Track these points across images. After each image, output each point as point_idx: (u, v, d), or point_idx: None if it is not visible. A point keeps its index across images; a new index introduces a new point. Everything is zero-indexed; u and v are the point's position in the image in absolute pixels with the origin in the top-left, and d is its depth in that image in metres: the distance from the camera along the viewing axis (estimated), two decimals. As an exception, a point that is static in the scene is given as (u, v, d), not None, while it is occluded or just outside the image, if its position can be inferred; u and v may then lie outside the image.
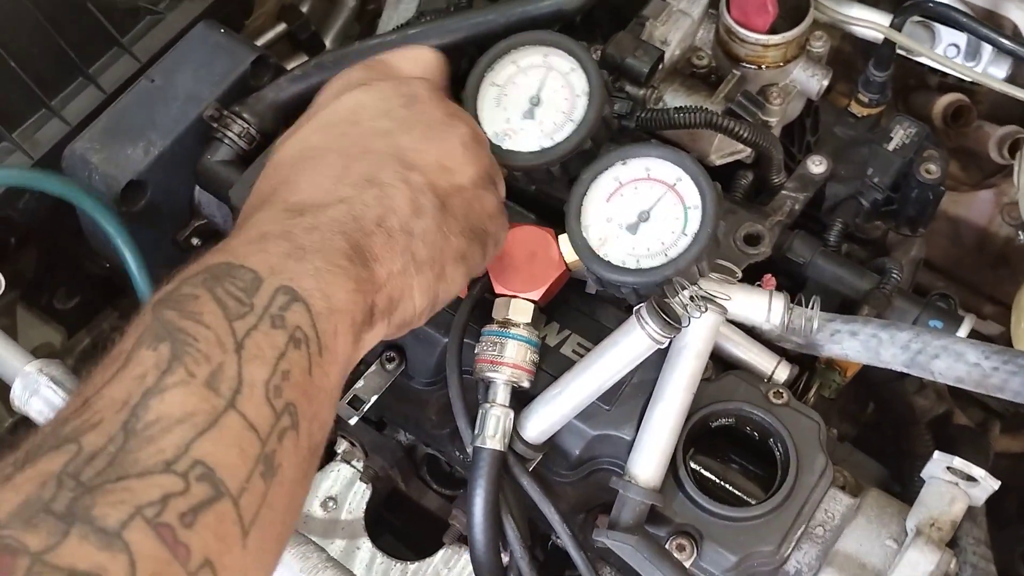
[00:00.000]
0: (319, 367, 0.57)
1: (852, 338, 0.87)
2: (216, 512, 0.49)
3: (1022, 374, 0.79)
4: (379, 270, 0.63)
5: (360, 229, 0.63)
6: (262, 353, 0.54)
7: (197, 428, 0.50)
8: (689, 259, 0.77)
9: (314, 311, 0.58)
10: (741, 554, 0.78)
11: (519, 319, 0.80)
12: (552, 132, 0.84)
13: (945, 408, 1.08)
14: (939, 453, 0.77)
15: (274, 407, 0.53)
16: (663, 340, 0.76)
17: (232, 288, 0.56)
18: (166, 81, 0.99)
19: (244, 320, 0.55)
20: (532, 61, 0.86)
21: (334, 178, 0.65)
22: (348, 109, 0.69)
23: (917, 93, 1.28)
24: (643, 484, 0.78)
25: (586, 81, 0.84)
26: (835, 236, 1.01)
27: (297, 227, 0.61)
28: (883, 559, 0.79)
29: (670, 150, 0.81)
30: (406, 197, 0.66)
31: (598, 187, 0.81)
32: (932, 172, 1.00)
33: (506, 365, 0.79)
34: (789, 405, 0.84)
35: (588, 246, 0.80)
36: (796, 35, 0.99)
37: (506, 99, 0.85)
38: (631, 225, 0.81)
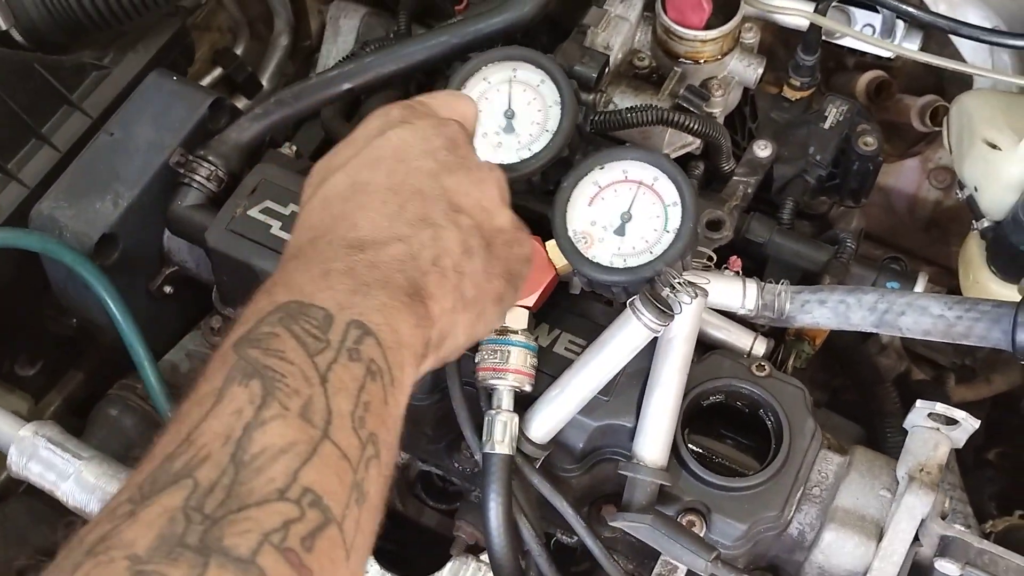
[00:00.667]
0: (392, 397, 0.60)
1: (822, 306, 0.91)
2: (328, 537, 0.51)
3: (985, 319, 0.84)
4: (433, 307, 0.65)
5: (418, 268, 0.65)
6: (345, 386, 0.57)
7: (301, 457, 0.52)
8: (674, 254, 0.81)
9: (384, 344, 0.60)
10: (749, 522, 0.82)
11: (516, 326, 0.83)
12: (529, 143, 0.87)
13: (905, 366, 1.14)
14: (920, 401, 0.82)
15: (360, 437, 0.56)
16: (659, 328, 0.79)
17: (307, 325, 0.58)
18: (125, 133, 0.99)
19: (324, 355, 0.57)
20: (502, 76, 0.89)
21: (390, 216, 0.67)
22: (394, 147, 0.71)
23: (838, 74, 1.35)
24: (650, 465, 0.82)
25: (557, 91, 0.87)
26: (788, 214, 1.06)
27: (359, 264, 0.63)
28: (880, 509, 0.84)
29: (645, 151, 0.85)
30: (457, 239, 0.68)
31: (580, 192, 0.85)
32: (869, 144, 1.07)
33: (509, 371, 0.82)
34: (773, 376, 0.88)
35: (576, 250, 0.83)
36: (731, 28, 1.04)
37: (481, 115, 0.87)
38: (615, 226, 0.84)
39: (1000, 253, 0.98)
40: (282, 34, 1.41)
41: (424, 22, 1.23)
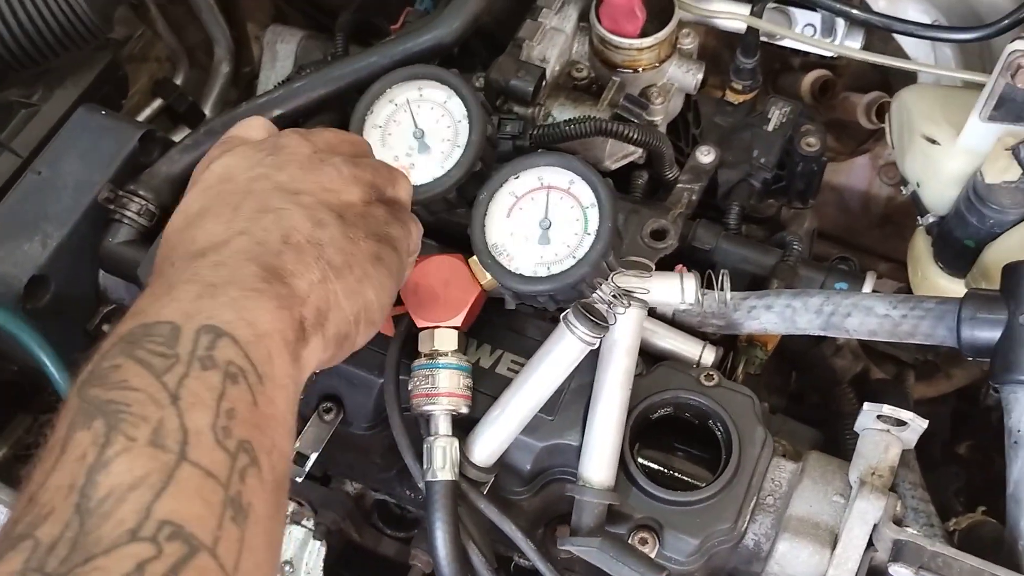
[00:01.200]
0: (263, 396, 0.56)
1: (768, 311, 0.90)
2: (196, 568, 0.47)
3: (929, 317, 0.83)
4: (298, 283, 0.62)
5: (267, 251, 0.62)
6: (200, 399, 0.53)
7: (153, 489, 0.49)
8: (596, 256, 0.80)
9: (241, 341, 0.56)
10: (701, 536, 0.80)
11: (445, 348, 0.81)
12: (442, 161, 0.86)
13: (862, 365, 1.13)
14: (868, 404, 0.81)
15: (227, 449, 0.52)
16: (593, 341, 0.78)
17: (152, 346, 0.54)
18: (53, 171, 0.97)
19: (172, 372, 0.53)
20: (409, 96, 0.87)
21: (227, 220, 0.65)
22: (218, 174, 0.69)
23: (784, 75, 1.34)
24: (597, 486, 0.80)
25: (463, 106, 0.86)
26: (734, 219, 1.05)
27: (202, 267, 0.60)
28: (833, 515, 0.82)
29: (557, 156, 0.84)
30: (303, 215, 0.65)
31: (496, 204, 0.84)
32: (812, 144, 1.06)
33: (441, 395, 0.80)
34: (721, 385, 0.87)
35: (498, 263, 0.82)
36: (666, 35, 1.03)
37: (391, 138, 0.86)
38: (535, 235, 0.83)
39: (946, 248, 0.97)
40: (223, 61, 1.40)
41: (363, 43, 1.22)
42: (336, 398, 0.90)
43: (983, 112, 0.86)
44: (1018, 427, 0.77)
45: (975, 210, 0.90)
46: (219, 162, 0.70)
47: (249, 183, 0.68)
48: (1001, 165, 0.87)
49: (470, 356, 0.86)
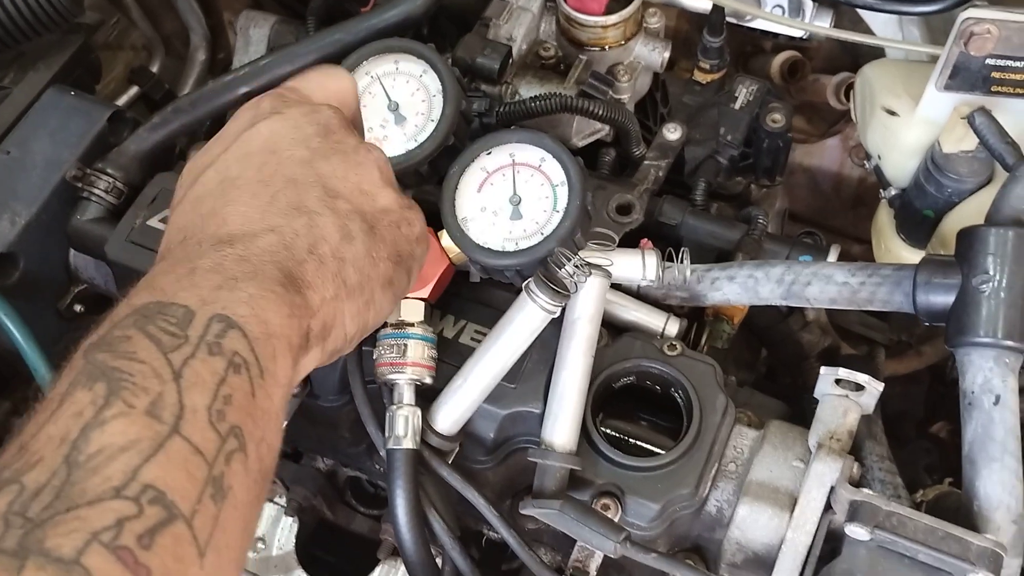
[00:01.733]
0: (262, 389, 0.58)
1: (731, 282, 0.91)
2: (172, 534, 0.49)
3: (886, 283, 0.84)
4: (312, 296, 0.64)
5: (292, 257, 0.63)
6: (201, 380, 0.54)
7: (143, 454, 0.50)
8: (564, 233, 0.80)
9: (251, 336, 0.58)
10: (662, 501, 0.81)
11: (412, 318, 0.82)
12: (415, 134, 0.86)
13: (831, 341, 1.13)
14: (825, 368, 0.81)
15: (218, 431, 0.54)
16: (555, 309, 0.79)
17: (164, 324, 0.56)
18: (22, 150, 0.98)
19: (180, 351, 0.55)
20: (385, 69, 0.88)
21: (261, 208, 0.65)
22: (264, 138, 0.69)
23: (755, 58, 1.35)
24: (559, 449, 0.81)
25: (439, 80, 0.87)
26: (701, 195, 1.06)
27: (228, 259, 0.62)
28: (793, 480, 0.83)
29: (530, 133, 0.84)
30: (335, 224, 0.66)
31: (468, 179, 0.84)
32: (777, 121, 1.07)
33: (407, 365, 0.81)
34: (684, 355, 0.87)
35: (467, 237, 0.83)
36: (631, 12, 1.04)
37: (365, 110, 0.86)
38: (505, 210, 0.83)
39: (907, 220, 0.98)
40: (199, 49, 1.40)
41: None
42: (303, 371, 0.90)
43: (939, 81, 0.87)
44: (971, 388, 0.78)
45: (933, 180, 0.91)
46: (266, 124, 0.70)
47: (292, 166, 0.68)
48: (958, 134, 0.88)
49: (434, 326, 0.86)
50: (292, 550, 1.04)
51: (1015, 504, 0.77)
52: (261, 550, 1.04)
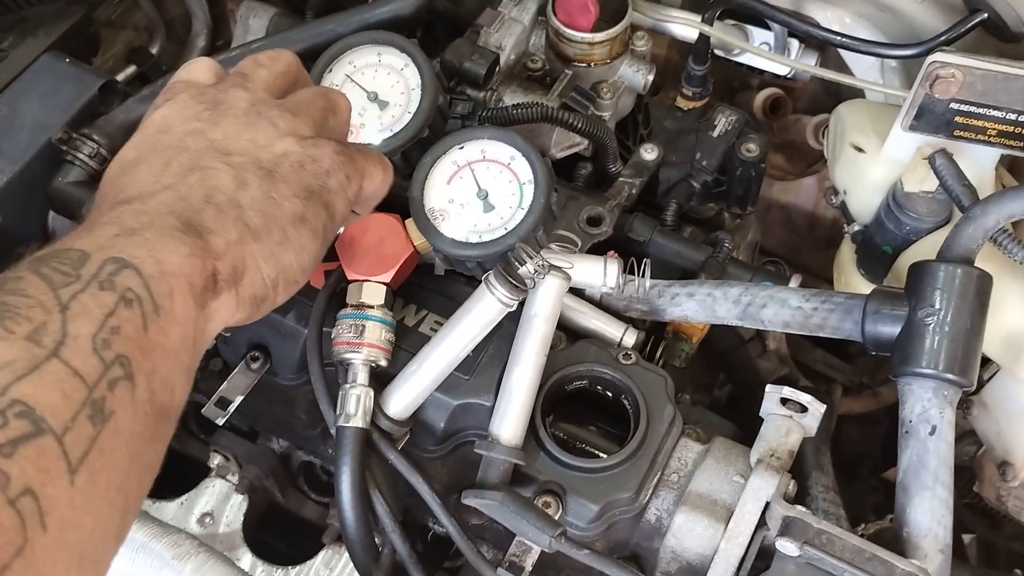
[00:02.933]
0: (155, 324, 0.58)
1: (690, 299, 0.93)
2: (37, 446, 0.50)
3: (838, 310, 0.86)
4: (215, 240, 0.64)
5: (189, 207, 0.65)
6: (88, 311, 0.55)
7: (16, 373, 0.51)
8: (527, 229, 0.83)
9: (145, 274, 0.59)
10: (602, 503, 0.83)
11: (372, 301, 0.84)
12: (391, 124, 0.89)
13: (788, 371, 1.16)
14: (771, 386, 0.83)
15: (102, 358, 0.54)
16: (511, 303, 0.81)
17: (57, 265, 0.57)
18: (12, 110, 1.00)
19: (69, 287, 0.56)
20: (367, 60, 0.91)
21: (156, 173, 0.67)
22: (157, 124, 0.72)
23: (741, 93, 1.38)
24: (505, 443, 0.82)
25: (419, 75, 0.89)
26: (671, 215, 1.08)
27: (125, 213, 0.63)
28: (732, 494, 0.84)
29: (502, 131, 0.87)
30: (229, 175, 0.68)
31: (438, 171, 0.87)
32: (752, 151, 1.09)
33: (363, 345, 0.83)
34: (638, 364, 0.89)
35: (433, 226, 0.85)
36: (618, 31, 1.07)
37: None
38: (472, 204, 0.86)
39: (867, 255, 1.00)
40: (199, 35, 1.42)
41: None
42: (264, 347, 0.92)
43: (904, 121, 0.90)
44: (909, 417, 0.80)
45: (893, 217, 0.93)
46: (159, 112, 0.73)
47: (183, 138, 0.70)
48: (919, 174, 0.91)
49: (396, 314, 0.88)
50: (240, 528, 1.05)
51: (943, 533, 0.79)
52: (209, 524, 1.05)
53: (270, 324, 0.90)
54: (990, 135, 0.88)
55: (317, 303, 0.87)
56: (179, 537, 0.77)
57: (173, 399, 0.60)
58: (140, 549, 0.76)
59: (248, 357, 0.92)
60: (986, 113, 0.87)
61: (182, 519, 1.04)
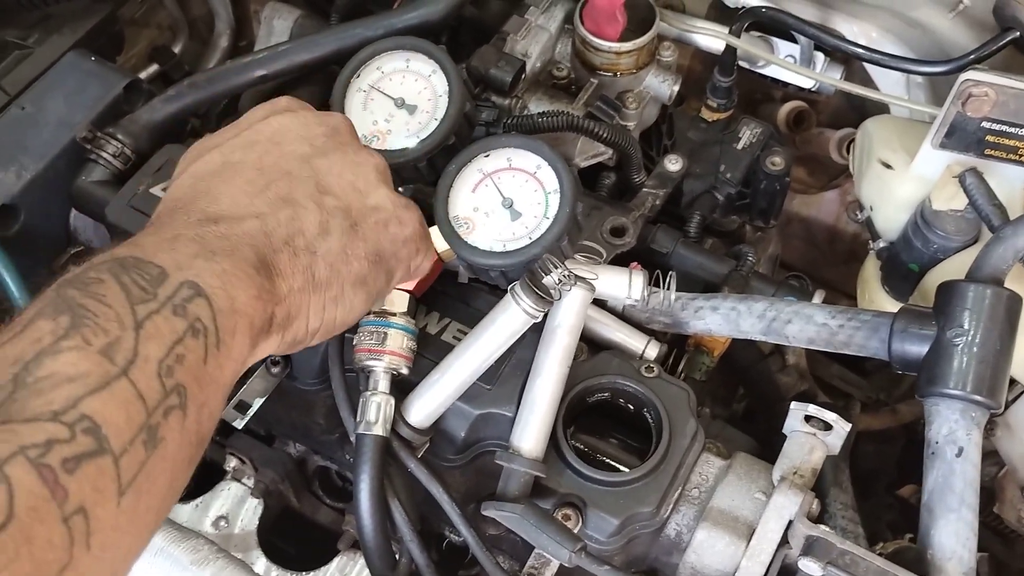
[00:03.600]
0: (214, 359, 0.59)
1: (714, 312, 0.93)
2: (97, 465, 0.50)
3: (864, 328, 0.85)
4: (281, 284, 0.66)
5: (269, 245, 0.66)
6: (160, 334, 0.56)
7: (88, 387, 0.52)
8: (551, 239, 0.82)
9: (216, 307, 0.60)
10: (622, 516, 0.82)
11: (395, 309, 0.83)
12: (418, 131, 0.88)
13: (808, 387, 1.15)
14: (795, 403, 0.83)
15: (164, 384, 0.55)
16: (537, 314, 0.80)
17: (137, 277, 0.58)
18: (37, 107, 1.00)
19: (146, 305, 0.57)
20: (395, 66, 0.90)
21: (252, 194, 0.68)
22: (272, 131, 0.72)
23: (764, 105, 1.38)
24: (526, 455, 0.82)
25: (446, 81, 0.89)
26: (694, 227, 1.08)
27: (210, 234, 0.64)
28: (754, 511, 0.84)
29: (529, 140, 0.86)
30: (316, 219, 0.68)
31: (464, 178, 0.86)
32: (777, 164, 1.09)
33: (385, 353, 0.82)
34: (660, 377, 0.89)
35: (457, 235, 0.84)
36: (645, 41, 1.06)
37: (372, 103, 0.89)
38: (497, 212, 0.85)
39: (893, 272, 0.99)
40: (222, 35, 1.42)
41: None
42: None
43: (935, 139, 0.89)
44: (936, 438, 0.79)
45: (921, 235, 0.92)
46: (278, 119, 0.73)
47: (291, 160, 0.71)
48: (948, 192, 0.90)
49: (419, 321, 0.88)
50: (254, 531, 1.04)
51: (967, 556, 0.78)
52: (223, 527, 1.04)
53: (291, 328, 0.89)
54: (1021, 154, 0.87)
55: (340, 309, 0.86)
56: (198, 542, 0.76)
57: (211, 429, 0.62)
58: (159, 553, 0.76)
59: (268, 361, 0.91)
60: (1018, 132, 0.86)
61: (197, 521, 1.04)
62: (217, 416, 0.62)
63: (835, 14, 1.23)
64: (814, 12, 1.22)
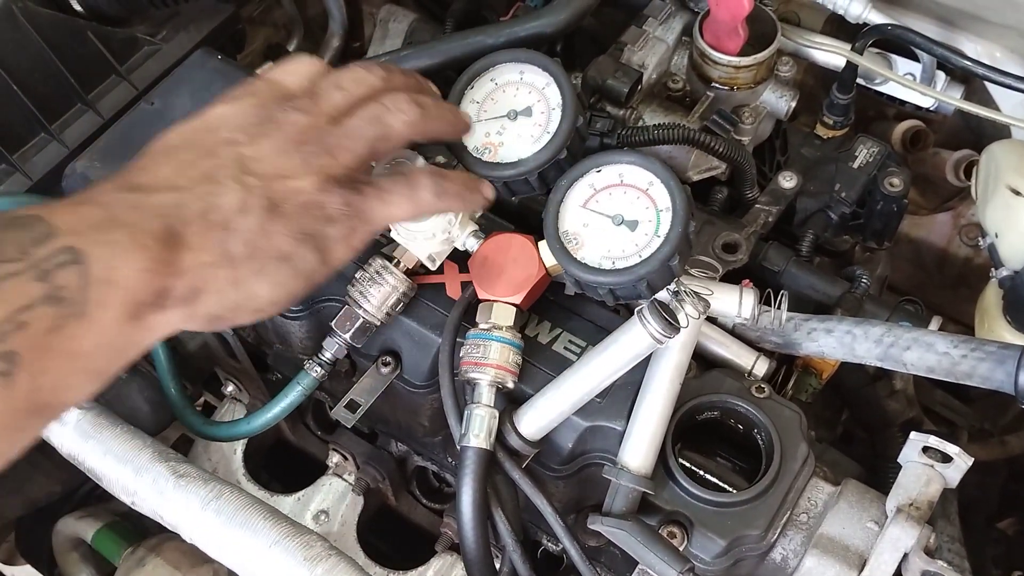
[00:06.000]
0: (70, 327, 0.59)
1: (828, 335, 0.91)
2: None
3: (989, 360, 0.83)
4: (186, 257, 0.65)
5: (180, 218, 0.66)
6: (8, 298, 0.57)
7: None
8: (661, 258, 0.80)
9: (90, 275, 0.60)
10: (729, 538, 0.81)
11: (502, 322, 0.84)
12: (530, 144, 0.87)
13: (915, 413, 1.12)
14: (915, 433, 0.81)
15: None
16: (663, 339, 0.78)
17: (20, 235, 0.60)
18: (165, 103, 1.03)
19: (9, 265, 0.58)
20: (509, 78, 0.90)
21: (176, 169, 0.69)
22: (212, 118, 0.74)
23: (877, 123, 1.35)
24: (635, 471, 0.81)
25: (560, 94, 0.88)
26: (807, 246, 1.06)
27: (121, 202, 0.65)
28: (865, 540, 0.82)
29: (641, 156, 0.85)
30: (236, 196, 0.69)
31: (574, 193, 0.85)
32: (895, 185, 1.06)
33: (490, 366, 0.82)
34: (772, 398, 0.88)
35: (565, 250, 0.83)
36: (766, 56, 1.05)
37: (485, 114, 0.88)
38: (607, 229, 0.84)
39: (1016, 302, 0.96)
40: (335, 36, 1.44)
41: (470, 33, 1.26)
42: (396, 353, 0.92)
43: (1071, 167, 0.86)
44: (1064, 478, 0.77)
45: (1051, 266, 0.89)
46: (218, 109, 0.74)
47: (220, 144, 0.71)
48: (1082, 223, 0.87)
49: (530, 331, 0.88)
50: (354, 527, 1.06)
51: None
52: (324, 522, 1.06)
53: (404, 330, 0.91)
54: None
55: (452, 315, 0.87)
56: (311, 538, 0.78)
57: (61, 398, 0.62)
58: (274, 545, 0.77)
59: (380, 361, 0.92)
60: None
61: (298, 514, 1.06)
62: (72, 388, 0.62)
63: (958, 32, 1.20)
64: (936, 30, 1.19)
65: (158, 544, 0.94)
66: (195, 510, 0.82)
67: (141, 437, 0.88)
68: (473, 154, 0.87)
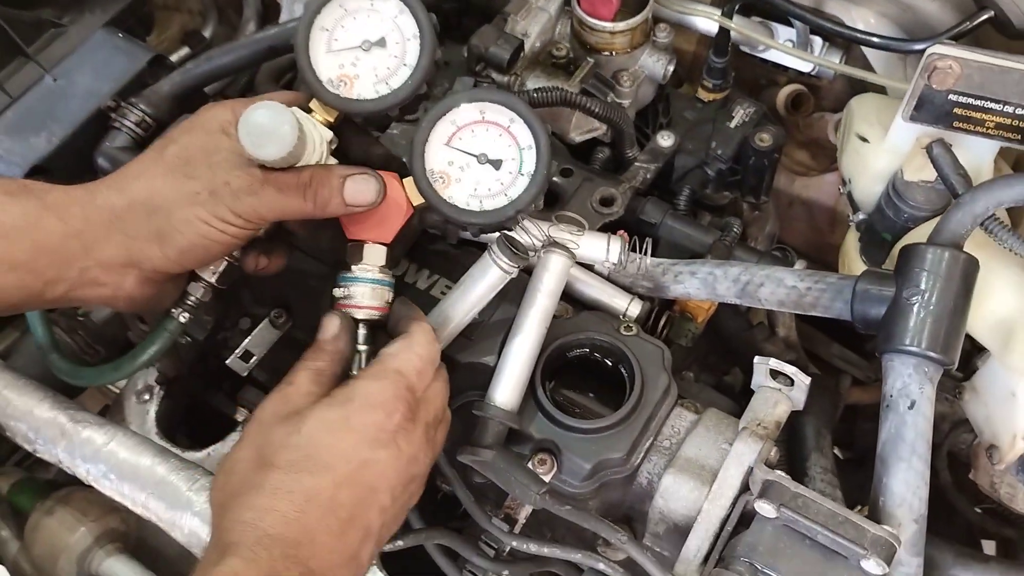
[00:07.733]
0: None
1: (692, 277, 0.97)
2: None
3: (829, 290, 0.90)
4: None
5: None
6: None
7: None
8: (528, 198, 0.84)
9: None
10: (593, 461, 0.87)
11: (373, 262, 0.86)
12: (387, 77, 0.84)
13: (794, 357, 1.19)
14: (759, 357, 0.87)
15: None
16: (512, 270, 0.85)
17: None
18: (67, 80, 1.08)
19: None
20: (359, 4, 0.85)
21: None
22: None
23: (768, 90, 1.41)
24: (500, 406, 0.87)
25: (415, 24, 0.84)
26: (684, 200, 1.13)
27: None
28: (718, 459, 0.88)
29: (501, 93, 0.86)
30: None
31: (437, 131, 0.86)
32: (765, 140, 1.13)
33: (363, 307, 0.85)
34: (639, 336, 0.94)
35: (433, 190, 0.85)
36: (639, 22, 1.11)
37: (336, 43, 0.84)
38: (471, 167, 0.86)
39: (870, 243, 1.03)
40: (250, 21, 1.49)
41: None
42: (287, 306, 0.98)
43: (905, 112, 0.93)
44: (890, 392, 0.83)
45: (893, 205, 0.96)
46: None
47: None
48: (918, 163, 0.94)
49: (407, 278, 0.93)
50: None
51: (918, 504, 0.82)
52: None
53: (294, 283, 0.96)
54: (988, 127, 0.91)
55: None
56: (197, 471, 0.83)
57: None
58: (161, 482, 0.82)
59: (272, 314, 0.98)
60: (984, 105, 0.90)
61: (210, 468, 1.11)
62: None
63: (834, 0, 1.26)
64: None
65: (67, 495, 0.98)
66: (91, 452, 0.87)
67: (42, 389, 0.93)
68: (328, 88, 0.83)
